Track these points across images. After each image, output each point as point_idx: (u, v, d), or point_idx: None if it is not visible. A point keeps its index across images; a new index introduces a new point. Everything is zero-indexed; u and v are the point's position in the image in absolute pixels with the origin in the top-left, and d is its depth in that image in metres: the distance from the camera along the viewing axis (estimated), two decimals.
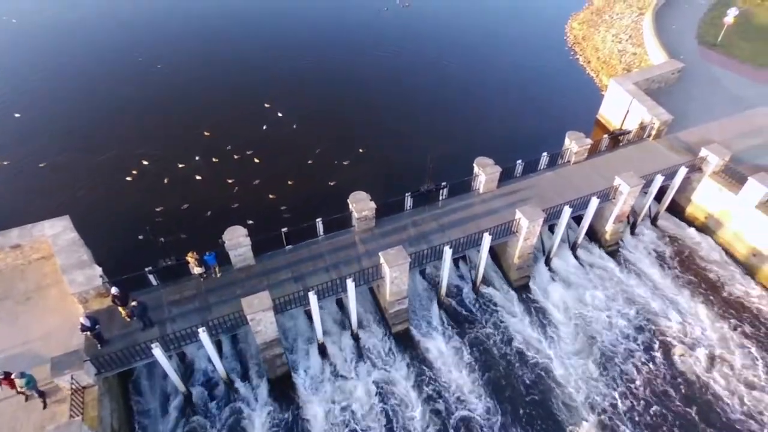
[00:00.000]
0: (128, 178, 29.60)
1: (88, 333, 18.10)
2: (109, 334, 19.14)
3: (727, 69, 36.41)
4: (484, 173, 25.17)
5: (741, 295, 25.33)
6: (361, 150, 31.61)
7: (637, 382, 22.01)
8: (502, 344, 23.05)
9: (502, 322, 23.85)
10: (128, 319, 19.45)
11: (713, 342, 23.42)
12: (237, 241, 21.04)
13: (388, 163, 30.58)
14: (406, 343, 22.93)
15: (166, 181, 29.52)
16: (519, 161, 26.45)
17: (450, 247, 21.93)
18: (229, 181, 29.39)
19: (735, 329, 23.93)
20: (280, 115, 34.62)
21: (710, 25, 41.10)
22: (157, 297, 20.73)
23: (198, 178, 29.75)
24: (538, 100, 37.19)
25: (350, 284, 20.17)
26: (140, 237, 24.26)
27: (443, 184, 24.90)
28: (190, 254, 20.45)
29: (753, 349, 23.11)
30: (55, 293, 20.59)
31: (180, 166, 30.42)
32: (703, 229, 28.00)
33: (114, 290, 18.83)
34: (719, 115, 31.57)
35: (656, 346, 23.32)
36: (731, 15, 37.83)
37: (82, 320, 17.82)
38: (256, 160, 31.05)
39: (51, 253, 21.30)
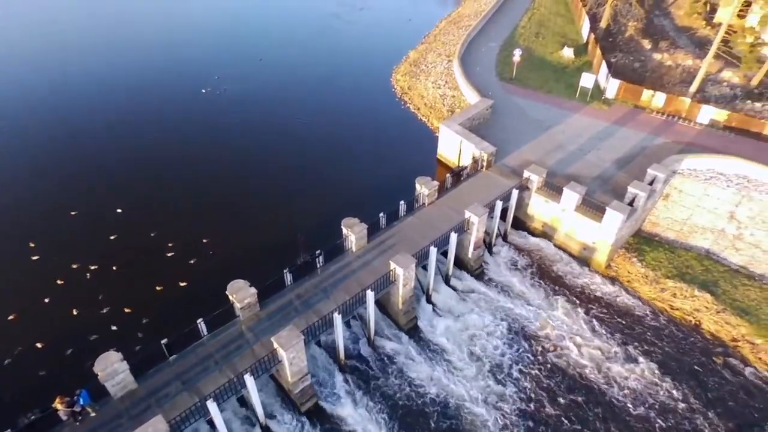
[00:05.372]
0: None
1: None
2: None
3: (526, 98, 43.65)
4: (353, 233, 26.61)
5: (584, 284, 30.10)
6: (204, 240, 30.75)
7: (528, 386, 24.71)
8: (408, 390, 24.12)
9: (402, 368, 25.00)
10: None
11: (575, 330, 27.36)
12: (112, 369, 19.23)
13: (259, 243, 30.44)
14: (318, 418, 22.74)
15: (11, 317, 25.88)
16: (381, 213, 28.47)
17: (339, 313, 22.67)
18: (78, 309, 26.52)
19: (587, 313, 28.31)
20: (119, 211, 32.89)
21: (505, 64, 49.12)
22: None
23: (46, 300, 26.56)
24: (384, 151, 40.32)
25: (249, 380, 19.66)
26: None
27: (318, 252, 25.74)
28: (57, 400, 18.14)
29: (603, 327, 27.55)
30: None
31: (15, 299, 26.83)
32: (544, 236, 32.79)
33: None
34: (530, 138, 37.70)
35: (534, 348, 26.47)
36: (517, 54, 45.76)
37: None
38: (114, 268, 28.75)
39: None
